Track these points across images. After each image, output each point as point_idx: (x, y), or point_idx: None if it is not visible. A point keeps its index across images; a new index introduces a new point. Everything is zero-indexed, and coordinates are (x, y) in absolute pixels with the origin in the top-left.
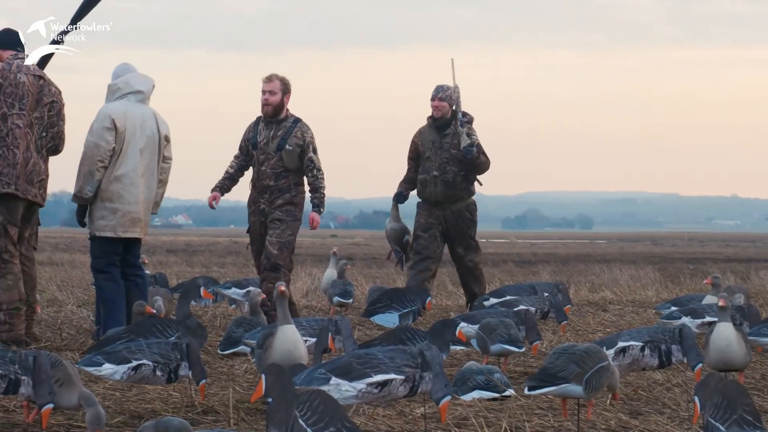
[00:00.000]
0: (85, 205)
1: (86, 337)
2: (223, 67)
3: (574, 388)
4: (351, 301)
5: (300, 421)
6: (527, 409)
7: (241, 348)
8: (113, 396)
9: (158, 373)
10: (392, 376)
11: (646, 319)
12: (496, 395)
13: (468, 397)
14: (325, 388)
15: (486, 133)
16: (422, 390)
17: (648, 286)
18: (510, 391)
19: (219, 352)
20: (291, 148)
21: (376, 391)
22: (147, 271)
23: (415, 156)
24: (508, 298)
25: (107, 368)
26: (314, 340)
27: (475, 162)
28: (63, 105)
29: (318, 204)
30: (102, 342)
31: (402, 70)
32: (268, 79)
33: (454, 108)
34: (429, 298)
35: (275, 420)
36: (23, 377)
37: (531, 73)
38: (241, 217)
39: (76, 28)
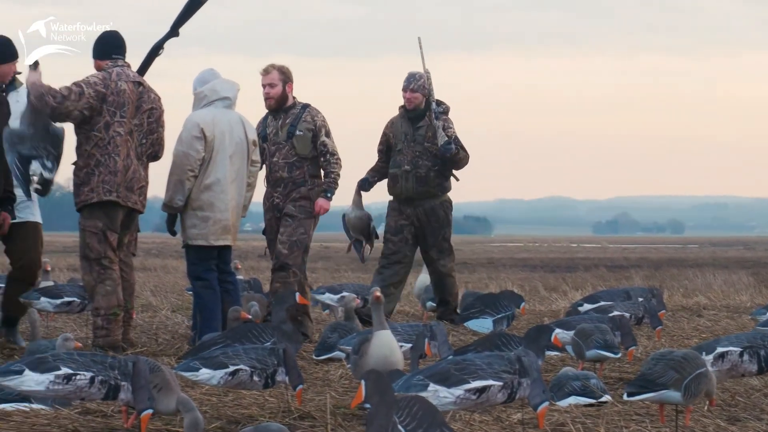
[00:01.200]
0: (175, 213)
1: (182, 343)
2: (310, 72)
3: (673, 395)
4: None
5: (399, 426)
6: (624, 415)
7: (336, 353)
8: (210, 401)
9: (255, 378)
10: (490, 382)
11: (742, 325)
12: (593, 401)
13: (564, 403)
14: (423, 394)
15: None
16: (520, 396)
17: (742, 291)
18: (606, 397)
19: (313, 357)
20: (302, 133)
21: (474, 397)
22: (240, 277)
23: (386, 148)
24: (602, 303)
25: (204, 373)
26: (409, 345)
27: (454, 159)
28: (162, 111)
29: (326, 189)
30: (198, 347)
31: (490, 74)
32: (266, 72)
33: (428, 98)
34: (523, 303)
35: (374, 426)
36: (123, 383)
37: (619, 77)
38: (333, 221)
39: (177, 35)
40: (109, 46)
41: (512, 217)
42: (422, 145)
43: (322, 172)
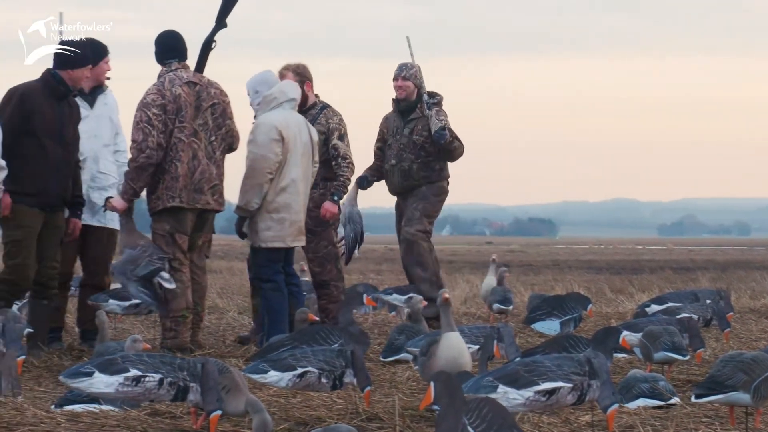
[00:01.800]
0: (246, 216)
1: (249, 345)
2: (373, 74)
3: (742, 396)
4: (511, 308)
5: (469, 428)
6: (693, 417)
7: (403, 355)
8: (278, 403)
9: (323, 380)
10: (560, 384)
11: None
12: (661, 403)
13: (632, 405)
14: (492, 395)
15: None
16: (590, 398)
17: None
18: (675, 399)
19: (381, 359)
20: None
21: (543, 399)
22: (306, 279)
23: (384, 145)
24: (669, 305)
25: (273, 375)
26: (477, 347)
27: (448, 148)
28: (227, 103)
29: (333, 192)
30: (266, 349)
31: (557, 77)
32: (280, 75)
33: (420, 89)
34: (590, 305)
35: (444, 428)
36: (192, 384)
37: (684, 79)
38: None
39: (225, 26)
40: (165, 50)
41: (577, 219)
42: (408, 138)
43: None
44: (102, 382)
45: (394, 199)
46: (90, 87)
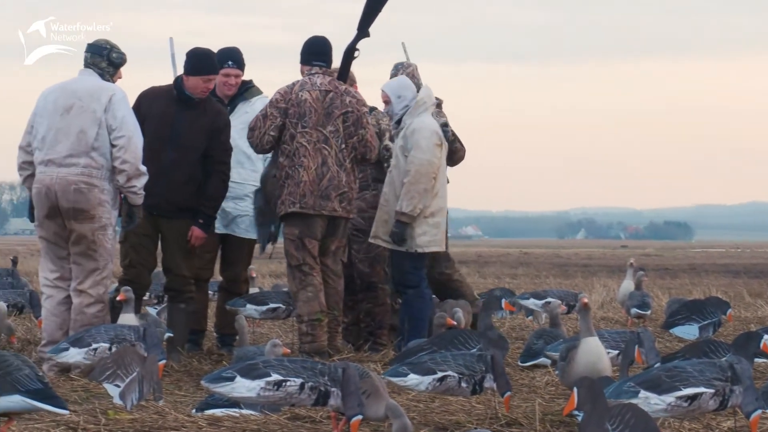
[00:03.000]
0: (409, 222)
1: (387, 349)
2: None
3: None
4: (649, 312)
5: None
6: None
7: (542, 360)
8: (417, 407)
9: (463, 384)
10: (702, 389)
11: None
12: None
13: None
14: (633, 401)
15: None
16: (732, 404)
17: None
18: None
19: (519, 363)
20: None
21: (685, 404)
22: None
23: None
24: None
25: (412, 379)
26: (616, 352)
27: (449, 148)
28: (362, 113)
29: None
30: (405, 353)
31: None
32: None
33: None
34: (729, 310)
35: None
36: (332, 389)
37: None
38: (531, 227)
39: (367, 35)
40: (309, 53)
41: (712, 223)
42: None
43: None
44: (243, 387)
45: (530, 202)
46: (226, 97)
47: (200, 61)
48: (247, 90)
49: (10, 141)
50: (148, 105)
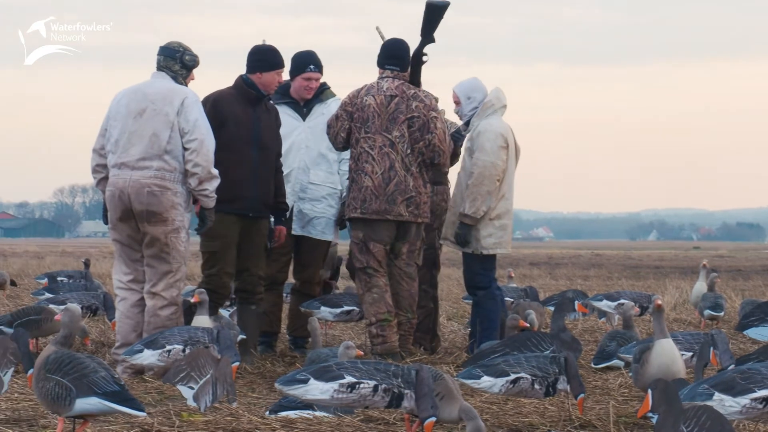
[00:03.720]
0: (473, 225)
1: (460, 351)
2: (573, 81)
3: None
4: (722, 314)
5: None
6: None
7: (615, 362)
8: (490, 409)
9: (536, 386)
10: None
11: None
12: None
13: None
14: (708, 403)
15: None
16: None
17: None
18: None
19: (592, 365)
20: None
21: (760, 406)
22: (514, 284)
23: None
24: None
25: (486, 381)
26: (689, 354)
27: (454, 151)
28: (429, 118)
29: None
30: (478, 355)
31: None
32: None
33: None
34: None
35: None
36: (406, 391)
37: None
38: (602, 229)
39: (433, 41)
40: (385, 56)
41: None
42: None
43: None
44: (317, 389)
45: (601, 203)
46: (302, 99)
47: (274, 56)
48: (322, 92)
49: (84, 144)
50: (228, 107)
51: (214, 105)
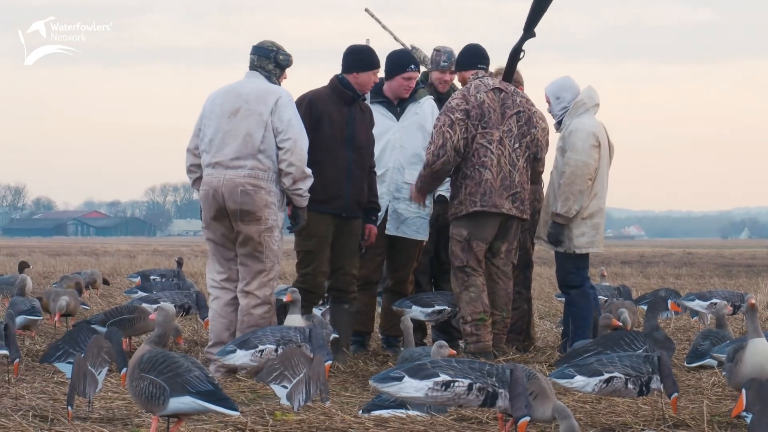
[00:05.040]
0: (565, 224)
1: (552, 350)
2: (663, 79)
3: None
4: None
5: None
6: None
7: (708, 361)
8: (584, 408)
9: (630, 385)
10: None
11: None
12: None
13: None
14: None
15: None
16: None
17: None
18: None
19: (685, 364)
20: None
21: None
22: (606, 283)
23: None
24: None
25: (579, 380)
26: None
27: None
28: (533, 112)
29: None
30: (571, 354)
31: None
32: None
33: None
34: None
35: None
36: (500, 390)
37: None
38: (694, 227)
39: (533, 35)
40: (472, 57)
41: None
42: None
43: None
44: (411, 387)
45: (693, 201)
46: (396, 99)
47: (371, 56)
48: (416, 91)
49: (177, 144)
50: (323, 107)
51: (310, 105)
